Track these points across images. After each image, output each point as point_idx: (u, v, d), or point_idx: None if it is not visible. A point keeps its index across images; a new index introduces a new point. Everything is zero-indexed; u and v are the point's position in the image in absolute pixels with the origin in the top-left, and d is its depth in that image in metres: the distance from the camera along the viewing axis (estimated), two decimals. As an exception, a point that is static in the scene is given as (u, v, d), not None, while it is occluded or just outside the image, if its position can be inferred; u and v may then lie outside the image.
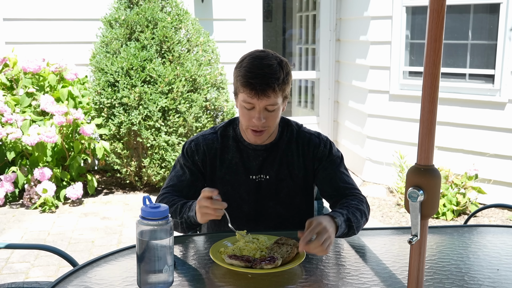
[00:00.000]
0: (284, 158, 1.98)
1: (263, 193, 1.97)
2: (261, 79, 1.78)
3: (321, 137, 2.03)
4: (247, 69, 1.82)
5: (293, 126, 2.03)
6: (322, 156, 1.98)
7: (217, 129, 2.03)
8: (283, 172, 1.97)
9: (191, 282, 1.53)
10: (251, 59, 1.84)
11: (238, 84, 1.85)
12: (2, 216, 4.51)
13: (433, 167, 1.26)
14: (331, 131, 6.41)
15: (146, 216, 1.42)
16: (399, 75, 5.29)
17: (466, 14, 4.88)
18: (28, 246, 2.99)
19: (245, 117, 1.87)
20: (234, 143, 1.98)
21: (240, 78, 1.83)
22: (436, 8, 1.19)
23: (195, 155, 1.97)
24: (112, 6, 5.09)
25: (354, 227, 1.78)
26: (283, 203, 1.98)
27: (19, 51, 5.21)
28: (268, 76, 1.79)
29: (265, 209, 1.98)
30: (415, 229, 1.26)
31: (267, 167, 1.97)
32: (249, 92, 1.80)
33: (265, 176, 1.97)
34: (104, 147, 4.87)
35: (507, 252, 1.79)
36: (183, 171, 1.97)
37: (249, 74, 1.80)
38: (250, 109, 1.84)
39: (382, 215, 4.67)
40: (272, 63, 1.82)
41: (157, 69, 4.77)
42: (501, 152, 4.68)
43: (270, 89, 1.79)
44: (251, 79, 1.79)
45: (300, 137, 2.01)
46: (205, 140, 1.99)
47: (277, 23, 10.15)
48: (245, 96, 1.82)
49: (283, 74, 1.82)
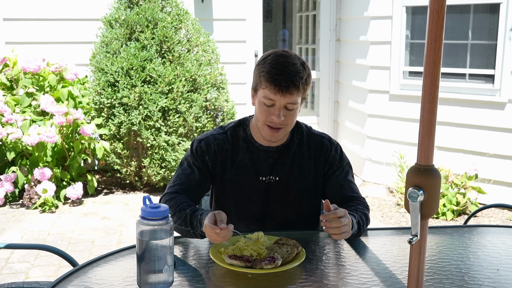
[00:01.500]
0: (296, 160, 1.98)
1: (272, 194, 1.97)
2: (287, 75, 1.79)
3: (332, 141, 2.04)
4: (272, 65, 1.82)
5: (302, 128, 2.03)
6: (333, 160, 1.99)
7: (226, 129, 2.01)
8: (293, 174, 1.97)
9: (191, 282, 1.53)
10: (276, 57, 1.85)
11: (261, 80, 1.83)
12: (2, 216, 4.51)
13: (433, 167, 1.26)
14: (331, 131, 6.41)
15: (146, 216, 1.42)
16: (399, 75, 5.29)
17: (466, 14, 4.88)
18: (28, 246, 2.99)
19: (263, 114, 1.86)
20: (245, 144, 1.97)
21: (265, 73, 1.82)
22: (436, 8, 1.19)
23: (205, 155, 1.95)
24: (112, 6, 5.09)
25: (362, 230, 1.85)
26: (291, 205, 1.98)
27: (19, 51, 5.21)
28: (293, 74, 1.80)
29: (272, 211, 1.98)
30: (415, 229, 1.26)
31: (277, 168, 1.96)
32: (273, 88, 1.80)
33: (274, 177, 1.96)
34: (104, 147, 4.87)
35: (507, 252, 1.79)
36: (191, 170, 1.94)
37: (274, 70, 1.81)
38: (270, 105, 1.83)
39: (382, 215, 4.67)
40: (296, 62, 1.85)
41: (157, 69, 4.77)
42: (501, 152, 4.68)
43: (294, 87, 1.80)
44: (277, 75, 1.79)
45: (311, 139, 2.01)
46: (216, 140, 1.97)
47: (277, 23, 10.15)
48: (267, 92, 1.81)
49: (305, 75, 1.85)
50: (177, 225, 1.81)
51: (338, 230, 1.65)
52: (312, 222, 2.05)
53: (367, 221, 1.92)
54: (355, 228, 1.78)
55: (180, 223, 1.80)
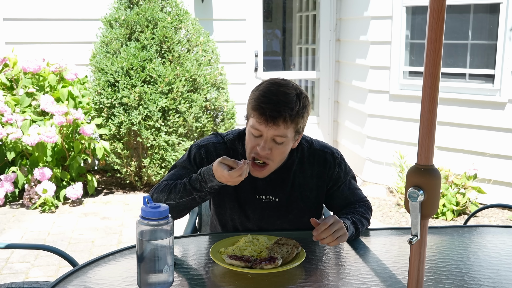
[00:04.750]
0: (296, 180, 1.90)
1: (270, 213, 1.91)
2: (273, 105, 1.69)
3: (335, 155, 1.94)
4: (261, 92, 1.73)
5: (303, 144, 1.93)
6: (337, 177, 1.93)
7: (226, 139, 1.91)
8: (294, 194, 1.90)
9: (191, 282, 1.53)
10: (269, 84, 1.76)
11: (249, 107, 1.76)
12: (2, 216, 4.51)
13: (433, 167, 1.26)
14: (331, 131, 6.41)
15: (146, 216, 1.42)
16: (399, 75, 5.29)
17: (466, 14, 4.88)
18: (28, 246, 2.99)
19: (249, 144, 1.78)
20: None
21: (253, 101, 1.73)
22: (436, 8, 1.19)
23: (204, 163, 1.85)
24: (112, 6, 5.09)
25: (360, 230, 1.84)
26: (291, 222, 1.93)
27: (19, 51, 5.21)
28: (281, 104, 1.69)
29: (270, 226, 1.92)
30: (415, 229, 1.26)
31: (277, 189, 1.89)
32: (258, 117, 1.70)
33: (274, 198, 1.89)
34: (104, 147, 4.87)
35: (507, 252, 1.79)
36: (185, 173, 1.86)
37: (262, 98, 1.71)
38: (257, 136, 1.74)
39: (382, 215, 4.67)
40: (290, 92, 1.73)
41: (157, 69, 4.77)
42: (501, 152, 4.68)
43: (280, 118, 1.68)
44: (263, 104, 1.70)
45: (313, 156, 1.91)
46: (216, 150, 1.88)
47: (277, 23, 10.15)
48: (254, 122, 1.72)
49: (298, 106, 1.72)
50: (178, 200, 1.74)
51: (332, 237, 1.64)
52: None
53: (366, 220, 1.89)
54: (351, 229, 1.76)
55: (181, 195, 1.73)
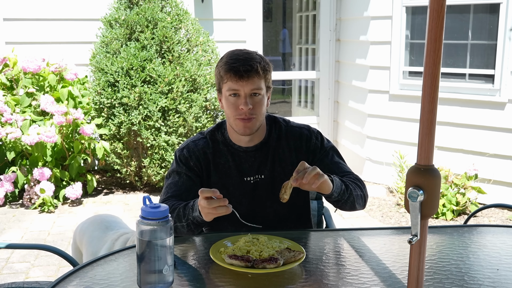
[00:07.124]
0: (276, 156, 1.98)
1: (259, 193, 1.97)
2: (243, 61, 1.84)
3: (311, 129, 2.04)
4: (228, 57, 1.88)
5: (280, 122, 2.04)
6: (315, 148, 1.99)
7: (205, 134, 2.02)
8: (276, 169, 1.97)
9: (191, 282, 1.53)
10: (231, 51, 1.92)
11: (221, 75, 1.87)
12: (2, 216, 4.51)
13: (433, 167, 1.26)
14: (331, 131, 6.41)
15: (146, 216, 1.42)
16: (399, 75, 5.29)
17: (466, 14, 4.88)
18: (28, 246, 2.99)
19: (231, 108, 1.87)
20: (225, 147, 1.98)
21: (222, 66, 1.86)
22: (436, 8, 1.19)
23: (190, 161, 1.95)
24: (112, 6, 5.09)
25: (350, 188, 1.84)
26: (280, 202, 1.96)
27: (19, 51, 5.21)
28: (249, 60, 1.84)
29: (262, 209, 1.97)
30: (415, 229, 1.26)
31: (261, 167, 1.97)
32: (233, 76, 1.83)
33: (260, 176, 1.97)
34: (104, 147, 4.87)
35: (507, 252, 1.79)
36: (179, 177, 1.93)
37: (231, 60, 1.85)
38: (235, 96, 1.85)
39: (382, 215, 4.67)
40: (251, 52, 1.91)
41: (157, 69, 4.77)
42: (501, 152, 4.68)
43: (253, 71, 1.83)
44: (234, 63, 1.83)
45: (290, 132, 2.01)
46: (196, 146, 1.97)
47: (277, 23, 10.16)
48: (230, 84, 1.84)
49: (263, 60, 1.88)
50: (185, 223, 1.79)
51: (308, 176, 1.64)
52: (303, 215, 2.06)
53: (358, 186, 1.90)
54: (338, 181, 1.79)
55: (175, 221, 1.78)
